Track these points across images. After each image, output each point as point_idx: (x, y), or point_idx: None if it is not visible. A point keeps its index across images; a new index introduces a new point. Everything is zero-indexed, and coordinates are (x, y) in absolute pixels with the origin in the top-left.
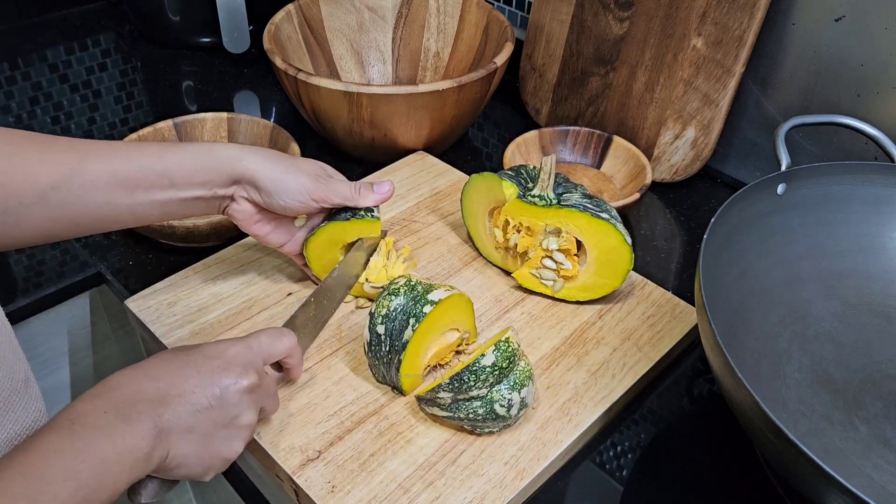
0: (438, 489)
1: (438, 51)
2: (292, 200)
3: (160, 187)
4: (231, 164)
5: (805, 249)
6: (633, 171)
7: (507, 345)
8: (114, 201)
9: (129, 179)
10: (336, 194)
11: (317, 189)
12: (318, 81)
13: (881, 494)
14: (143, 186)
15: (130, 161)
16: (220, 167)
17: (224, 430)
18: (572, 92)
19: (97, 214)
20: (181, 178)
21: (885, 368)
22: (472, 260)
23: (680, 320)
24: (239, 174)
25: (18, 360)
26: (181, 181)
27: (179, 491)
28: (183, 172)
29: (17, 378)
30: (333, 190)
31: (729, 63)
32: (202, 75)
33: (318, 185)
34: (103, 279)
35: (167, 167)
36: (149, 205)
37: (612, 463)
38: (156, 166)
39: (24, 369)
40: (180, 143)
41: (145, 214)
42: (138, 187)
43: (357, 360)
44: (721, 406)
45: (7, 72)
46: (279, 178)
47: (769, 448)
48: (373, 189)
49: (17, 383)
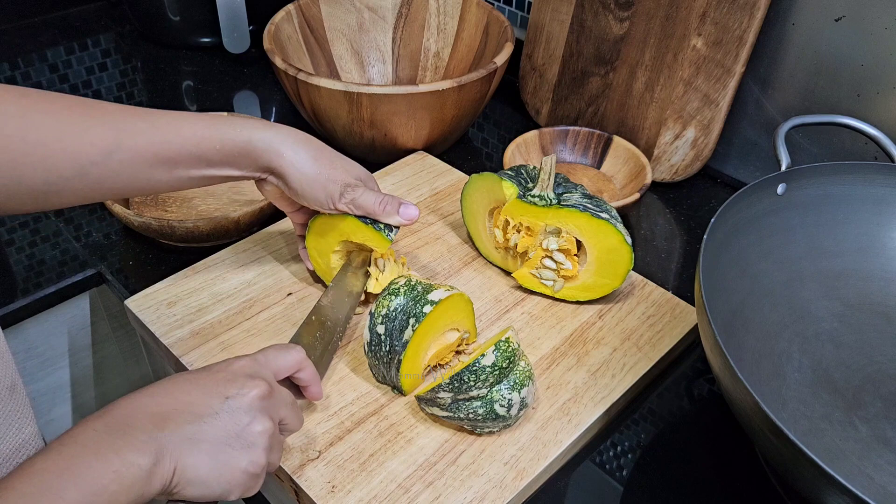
0: (438, 489)
1: (438, 51)
2: (316, 203)
3: (198, 167)
4: (268, 156)
5: (805, 249)
6: (633, 171)
7: (507, 345)
8: (153, 177)
9: (167, 160)
10: (360, 207)
11: (342, 199)
12: (318, 81)
13: (881, 494)
14: (181, 166)
15: (169, 142)
16: (256, 157)
17: (237, 441)
18: (572, 92)
19: (136, 186)
20: (219, 160)
21: (885, 368)
22: (472, 260)
23: (680, 320)
24: (273, 167)
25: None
26: (218, 163)
27: None
28: (221, 157)
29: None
30: (359, 203)
31: (729, 63)
32: (202, 75)
33: (344, 195)
34: (103, 279)
35: (204, 150)
36: (187, 180)
37: (612, 463)
38: (194, 150)
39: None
40: (220, 121)
41: (183, 186)
42: (177, 166)
43: (357, 360)
44: (721, 406)
45: (7, 72)
46: (310, 181)
47: (769, 448)
48: (398, 210)
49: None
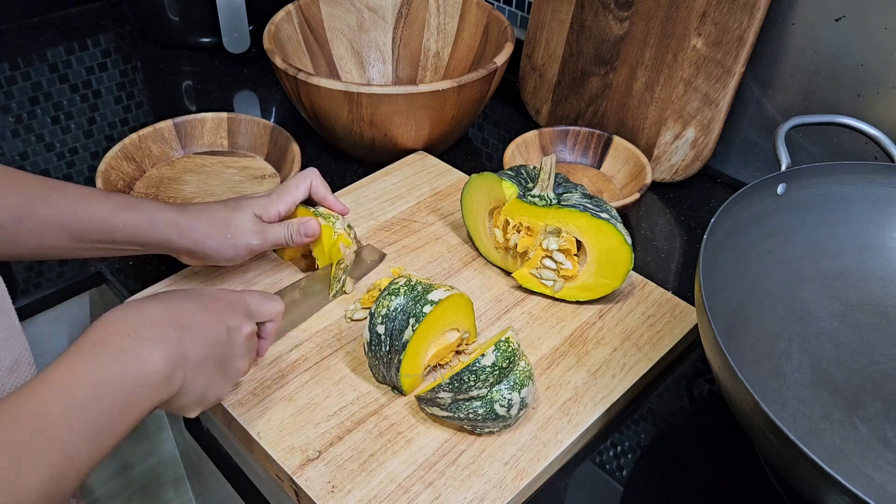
0: (438, 489)
1: (438, 51)
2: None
3: (103, 241)
4: (169, 239)
5: (805, 249)
6: (633, 171)
7: (507, 345)
8: (59, 245)
9: (74, 231)
10: (273, 242)
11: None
12: (318, 81)
13: (881, 494)
14: (87, 239)
15: (77, 216)
16: (158, 240)
17: (225, 368)
18: (572, 92)
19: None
20: (122, 238)
21: (885, 368)
22: (472, 260)
23: (680, 320)
24: (176, 247)
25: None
26: (122, 241)
27: (179, 491)
28: (125, 235)
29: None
30: (271, 240)
31: (729, 63)
32: (202, 75)
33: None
34: (103, 279)
35: (109, 228)
36: (92, 251)
37: (612, 463)
38: (100, 225)
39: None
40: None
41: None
42: (83, 239)
43: (357, 360)
44: (721, 406)
45: (7, 72)
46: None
47: (769, 448)
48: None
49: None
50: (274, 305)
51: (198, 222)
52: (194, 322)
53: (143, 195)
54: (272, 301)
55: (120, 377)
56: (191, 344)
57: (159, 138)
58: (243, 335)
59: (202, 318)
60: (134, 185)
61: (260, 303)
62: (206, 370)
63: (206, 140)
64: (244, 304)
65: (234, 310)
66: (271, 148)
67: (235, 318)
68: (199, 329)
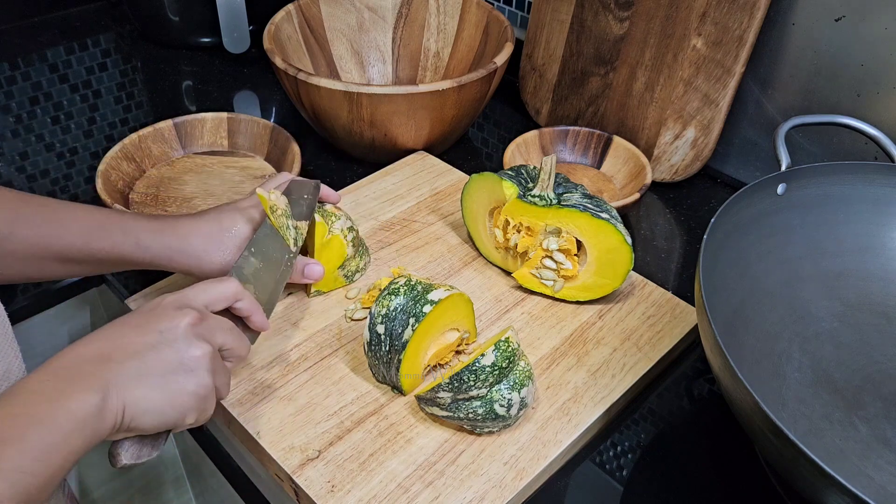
0: (438, 489)
1: (438, 51)
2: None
3: (91, 263)
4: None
5: (805, 249)
6: (633, 171)
7: (506, 345)
8: (45, 267)
9: (58, 254)
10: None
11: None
12: (318, 81)
13: (881, 494)
14: (73, 261)
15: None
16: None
17: (179, 367)
18: (572, 92)
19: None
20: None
21: (885, 368)
22: (472, 260)
23: (680, 320)
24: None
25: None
26: (110, 263)
27: (179, 491)
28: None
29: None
30: None
31: (729, 63)
32: (202, 75)
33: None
34: (103, 279)
35: (94, 251)
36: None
37: (612, 463)
38: (84, 248)
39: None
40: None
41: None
42: (68, 261)
43: (357, 360)
44: (721, 406)
45: (7, 72)
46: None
47: (769, 448)
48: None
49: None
50: (224, 285)
51: (188, 243)
52: (118, 345)
53: (143, 195)
54: (220, 282)
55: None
56: (115, 367)
57: (159, 138)
58: (180, 329)
59: (126, 339)
60: (134, 185)
61: (203, 290)
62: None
63: (206, 140)
64: (177, 301)
65: (161, 312)
66: (271, 148)
67: (164, 320)
68: (125, 349)
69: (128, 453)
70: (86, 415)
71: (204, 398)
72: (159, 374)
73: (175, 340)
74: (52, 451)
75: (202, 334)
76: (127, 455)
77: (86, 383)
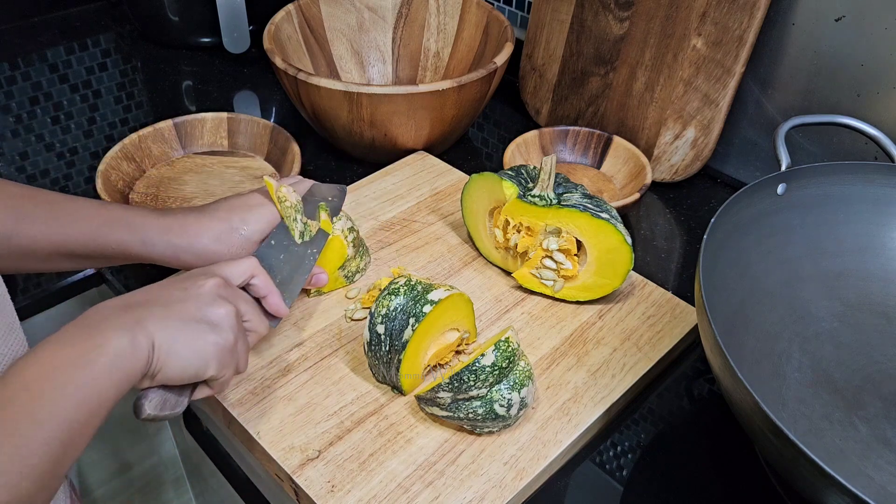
0: (438, 489)
1: (438, 51)
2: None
3: (97, 258)
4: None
5: (805, 249)
6: (633, 171)
7: (506, 344)
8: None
9: (64, 249)
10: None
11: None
12: (318, 81)
13: (881, 494)
14: (80, 256)
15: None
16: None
17: (203, 320)
18: (572, 92)
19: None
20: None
21: (885, 368)
22: (472, 260)
23: (680, 320)
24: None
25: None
26: (116, 257)
27: (179, 491)
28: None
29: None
30: None
31: (729, 63)
32: (202, 75)
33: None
34: (103, 279)
35: (100, 247)
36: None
37: (612, 463)
38: (90, 244)
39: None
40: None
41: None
42: (75, 256)
43: (357, 360)
44: (721, 406)
45: (7, 72)
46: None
47: (769, 448)
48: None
49: None
50: (241, 262)
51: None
52: (142, 298)
53: (143, 195)
54: (237, 261)
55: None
56: (143, 312)
57: (159, 138)
58: (205, 287)
59: (150, 294)
60: (134, 185)
61: (224, 264)
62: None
63: (206, 140)
64: (203, 269)
65: (188, 275)
66: (271, 148)
67: (189, 280)
68: (149, 300)
69: (151, 403)
70: (118, 354)
71: (225, 352)
72: (183, 321)
73: (199, 297)
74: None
75: (226, 296)
76: (150, 405)
77: (116, 325)
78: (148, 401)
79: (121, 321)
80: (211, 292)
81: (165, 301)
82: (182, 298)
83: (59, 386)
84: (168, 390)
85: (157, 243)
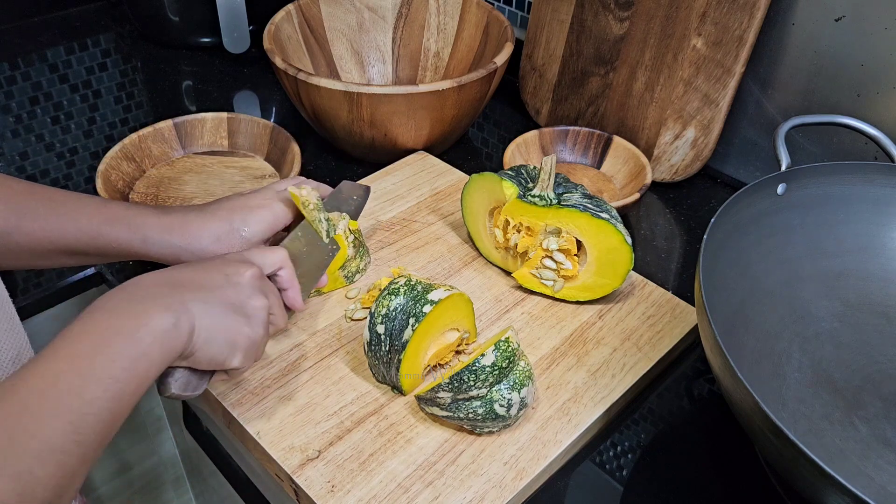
0: (438, 489)
1: (438, 51)
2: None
3: (97, 255)
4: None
5: (805, 249)
6: (633, 171)
7: (506, 344)
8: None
9: (64, 246)
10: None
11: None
12: (318, 81)
13: (881, 494)
14: (80, 253)
15: (66, 231)
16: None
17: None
18: (572, 92)
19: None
20: (116, 253)
21: (885, 368)
22: (472, 260)
23: (680, 320)
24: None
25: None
26: (116, 255)
27: (179, 491)
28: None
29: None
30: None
31: (729, 63)
32: (202, 75)
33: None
34: (103, 279)
35: (101, 245)
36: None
37: (612, 463)
38: (91, 242)
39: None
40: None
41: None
42: (75, 253)
43: (357, 360)
44: (721, 406)
45: (7, 72)
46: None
47: (769, 448)
48: None
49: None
50: (274, 253)
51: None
52: (186, 277)
53: (143, 195)
54: (271, 250)
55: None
56: (188, 294)
57: (159, 138)
58: (245, 277)
59: (194, 274)
60: (134, 185)
61: (258, 253)
62: (216, 312)
63: (206, 140)
64: (240, 255)
65: (227, 260)
66: (271, 148)
67: (230, 266)
68: (196, 281)
69: (178, 383)
70: (162, 332)
71: (254, 345)
72: (223, 310)
73: (239, 285)
74: (137, 361)
75: (262, 289)
76: (177, 385)
77: (162, 303)
78: (174, 379)
79: (167, 301)
80: (250, 283)
81: (207, 285)
82: (223, 285)
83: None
84: (192, 373)
85: (158, 242)
